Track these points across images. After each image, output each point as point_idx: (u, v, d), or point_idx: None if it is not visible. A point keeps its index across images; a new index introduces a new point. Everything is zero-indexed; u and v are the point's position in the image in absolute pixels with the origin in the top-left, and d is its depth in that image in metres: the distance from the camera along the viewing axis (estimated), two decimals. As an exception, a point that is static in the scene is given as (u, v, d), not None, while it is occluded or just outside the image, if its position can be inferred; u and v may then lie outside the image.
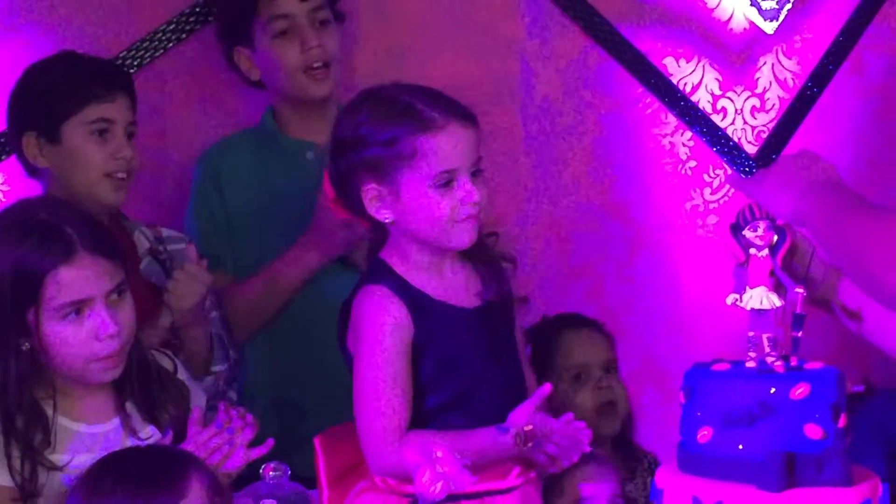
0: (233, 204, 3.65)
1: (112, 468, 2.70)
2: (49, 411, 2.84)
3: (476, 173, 2.83)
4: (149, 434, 2.89)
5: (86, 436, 2.88)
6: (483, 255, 2.92)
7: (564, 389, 3.55)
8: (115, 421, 2.90)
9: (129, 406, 2.91)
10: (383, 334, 2.81)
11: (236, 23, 3.65)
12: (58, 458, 2.83)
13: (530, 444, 2.72)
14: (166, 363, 3.00)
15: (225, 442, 2.85)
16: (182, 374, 3.01)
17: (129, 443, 2.86)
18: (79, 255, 2.81)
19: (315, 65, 3.60)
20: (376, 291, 2.84)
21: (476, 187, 2.82)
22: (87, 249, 2.82)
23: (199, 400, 3.00)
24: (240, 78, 3.71)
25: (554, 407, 2.96)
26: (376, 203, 2.81)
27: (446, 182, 2.80)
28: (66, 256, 2.80)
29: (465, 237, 2.83)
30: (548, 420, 2.74)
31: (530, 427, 2.72)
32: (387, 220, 2.83)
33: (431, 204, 2.80)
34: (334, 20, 3.67)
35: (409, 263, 2.87)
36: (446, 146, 2.79)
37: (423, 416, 2.83)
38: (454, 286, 2.90)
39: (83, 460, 2.82)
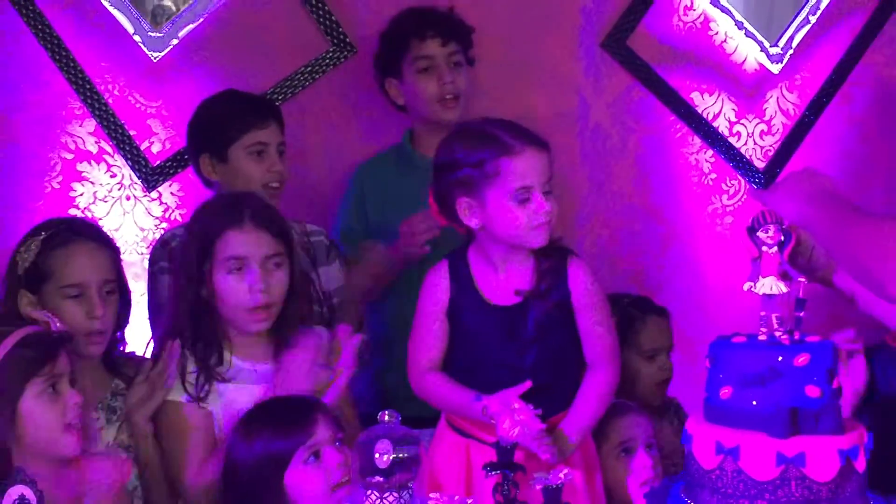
0: (371, 214, 3.75)
1: (259, 414, 2.85)
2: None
3: (548, 191, 2.88)
4: None
5: (247, 370, 3.02)
6: (548, 254, 2.94)
7: (636, 363, 3.52)
8: (271, 364, 3.05)
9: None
10: (426, 297, 2.96)
11: (390, 59, 3.77)
12: (227, 376, 3.00)
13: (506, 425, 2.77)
14: (323, 334, 3.12)
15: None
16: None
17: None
18: (245, 224, 2.99)
19: (448, 96, 3.71)
20: (439, 264, 2.98)
21: (547, 201, 2.86)
22: (253, 221, 2.99)
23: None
24: (388, 102, 3.83)
25: (625, 377, 3.13)
26: (468, 213, 2.89)
27: (523, 197, 2.84)
28: (235, 223, 2.99)
29: (539, 239, 2.89)
30: (527, 410, 2.76)
31: (517, 406, 2.78)
32: (476, 227, 2.91)
33: (511, 214, 2.85)
34: (466, 63, 3.79)
35: (482, 257, 2.93)
36: (523, 167, 2.83)
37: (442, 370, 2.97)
38: (503, 283, 2.92)
39: (246, 386, 2.99)
